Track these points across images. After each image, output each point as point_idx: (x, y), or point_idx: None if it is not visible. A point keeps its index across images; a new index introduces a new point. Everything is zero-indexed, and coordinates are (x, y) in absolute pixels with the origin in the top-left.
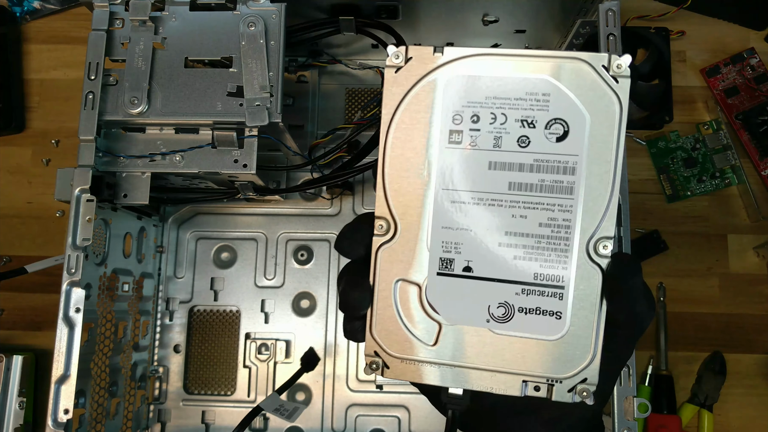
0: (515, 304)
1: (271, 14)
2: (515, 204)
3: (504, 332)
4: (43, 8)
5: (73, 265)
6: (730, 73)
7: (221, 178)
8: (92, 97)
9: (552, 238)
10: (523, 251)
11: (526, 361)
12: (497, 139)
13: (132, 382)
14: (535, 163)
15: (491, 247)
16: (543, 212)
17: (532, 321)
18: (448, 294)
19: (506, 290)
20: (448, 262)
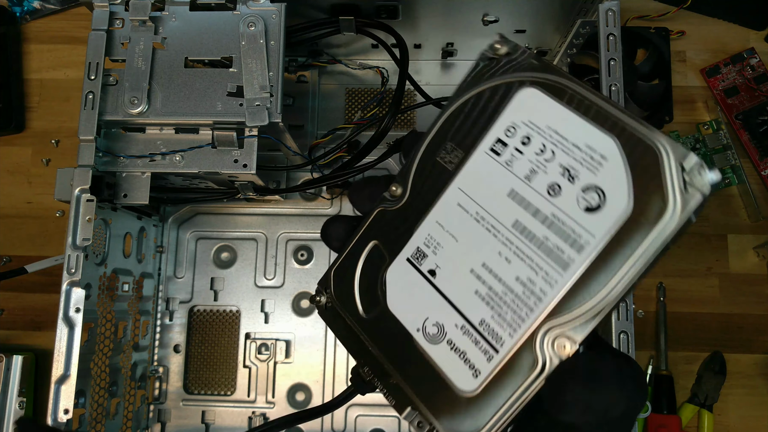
0: (448, 334)
1: (271, 14)
2: (508, 243)
3: (423, 349)
4: (43, 8)
5: (73, 265)
6: (730, 73)
7: (221, 178)
8: (92, 97)
9: (518, 299)
10: (486, 291)
11: (424, 388)
12: (532, 172)
13: (132, 382)
14: (551, 218)
15: (462, 268)
16: (527, 269)
17: (452, 359)
18: (403, 283)
19: (449, 315)
20: (420, 255)
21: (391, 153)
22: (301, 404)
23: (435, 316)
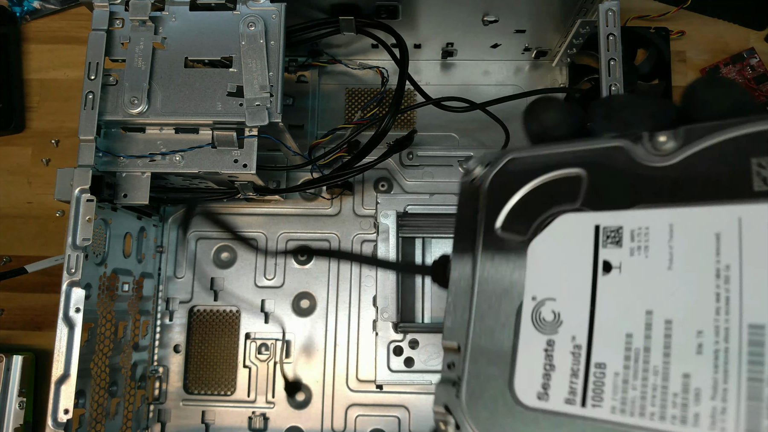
0: (558, 338)
1: (271, 14)
2: (720, 331)
3: (520, 323)
4: (43, 8)
5: (73, 265)
6: (730, 73)
7: (221, 178)
8: (92, 97)
9: (664, 391)
10: (637, 346)
11: (482, 358)
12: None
13: (132, 382)
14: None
15: (640, 301)
16: (709, 374)
17: (534, 358)
18: (565, 243)
19: (577, 323)
20: (615, 238)
21: (391, 153)
22: (302, 404)
23: (563, 305)
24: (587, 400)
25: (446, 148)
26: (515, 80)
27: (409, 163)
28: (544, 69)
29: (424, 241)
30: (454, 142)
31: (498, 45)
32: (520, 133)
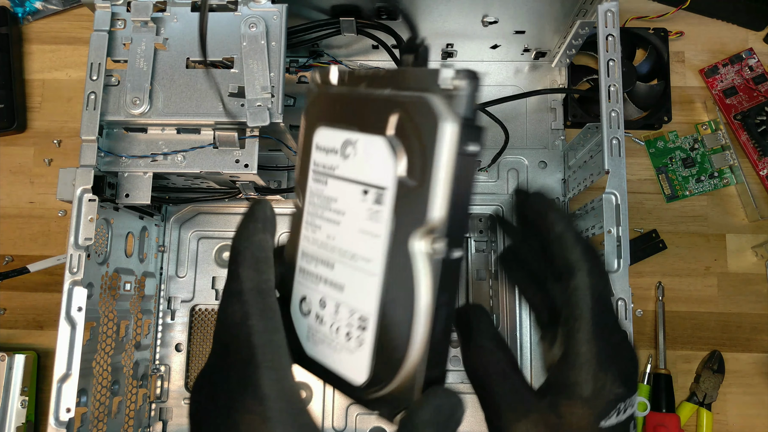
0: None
1: (272, 15)
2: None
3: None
4: (45, 9)
5: (75, 265)
6: (728, 73)
7: (223, 178)
8: (94, 97)
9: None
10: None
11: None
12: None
13: (134, 381)
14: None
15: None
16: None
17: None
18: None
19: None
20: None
21: None
22: None
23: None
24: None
25: None
26: (515, 81)
27: None
28: (544, 69)
29: None
30: None
31: (497, 46)
32: (519, 133)
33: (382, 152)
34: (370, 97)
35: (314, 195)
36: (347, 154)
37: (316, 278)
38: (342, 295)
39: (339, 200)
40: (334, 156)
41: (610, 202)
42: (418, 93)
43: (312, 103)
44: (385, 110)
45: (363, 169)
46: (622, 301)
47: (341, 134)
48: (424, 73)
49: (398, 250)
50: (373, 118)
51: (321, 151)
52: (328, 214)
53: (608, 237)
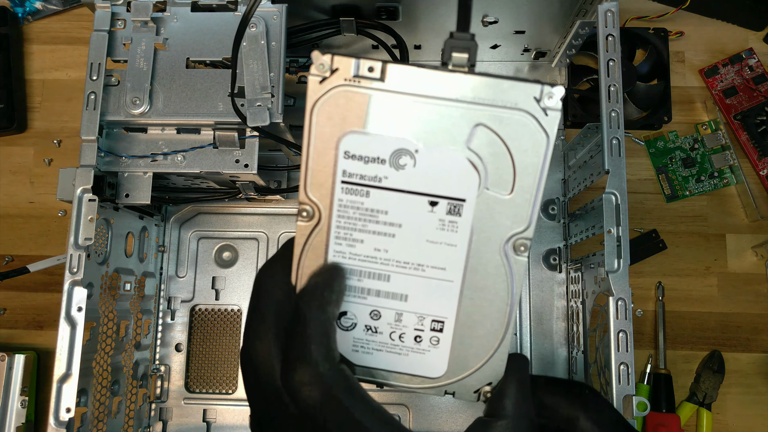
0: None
1: (273, 15)
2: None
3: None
4: (45, 9)
5: (75, 265)
6: (728, 73)
7: (223, 178)
8: (94, 97)
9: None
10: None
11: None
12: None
13: (134, 381)
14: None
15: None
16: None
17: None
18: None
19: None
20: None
21: None
22: None
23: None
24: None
25: None
26: None
27: None
28: (544, 70)
29: None
30: None
31: (497, 46)
32: None
33: (458, 164)
34: (432, 103)
35: (348, 207)
36: (402, 164)
37: (362, 291)
38: (405, 304)
39: (392, 212)
40: (381, 166)
41: (610, 202)
42: (517, 109)
43: (326, 101)
44: (461, 121)
45: (429, 180)
46: (622, 301)
47: (389, 142)
48: (521, 87)
49: (483, 257)
50: (440, 127)
51: (355, 160)
52: (375, 227)
53: (608, 237)
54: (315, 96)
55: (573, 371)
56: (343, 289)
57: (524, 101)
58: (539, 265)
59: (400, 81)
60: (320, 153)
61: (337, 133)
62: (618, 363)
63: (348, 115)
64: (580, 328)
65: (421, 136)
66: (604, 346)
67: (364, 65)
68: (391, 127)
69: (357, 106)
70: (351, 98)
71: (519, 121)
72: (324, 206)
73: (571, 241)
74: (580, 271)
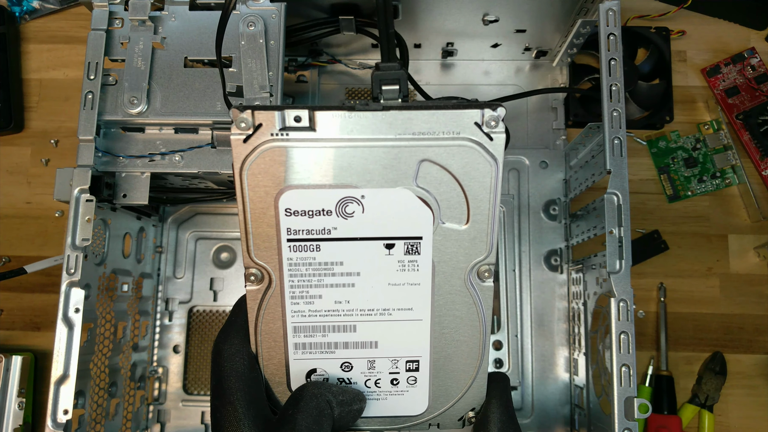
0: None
1: (271, 14)
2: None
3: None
4: (42, 8)
5: (72, 266)
6: (730, 72)
7: (221, 178)
8: (91, 96)
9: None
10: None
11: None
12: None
13: (131, 383)
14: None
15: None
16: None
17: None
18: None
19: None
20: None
21: None
22: None
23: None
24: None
25: None
26: (515, 80)
27: None
28: (545, 69)
29: None
30: None
31: (498, 45)
32: (520, 132)
33: (409, 203)
34: (370, 145)
35: (300, 265)
36: (350, 212)
37: (330, 346)
38: (376, 350)
39: (348, 262)
40: (327, 218)
41: (612, 203)
42: (460, 138)
43: (255, 160)
44: (404, 159)
45: (381, 224)
46: (624, 303)
47: (331, 193)
48: (460, 115)
49: (449, 290)
50: (383, 168)
51: (299, 216)
52: (333, 279)
53: (610, 237)
54: (241, 156)
55: (574, 373)
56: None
57: (465, 129)
58: (540, 266)
59: (331, 127)
60: (259, 215)
61: (273, 191)
62: (619, 364)
63: (281, 172)
64: (582, 329)
65: (364, 181)
66: (605, 348)
67: (290, 116)
68: (330, 177)
69: (289, 160)
70: (281, 153)
71: (463, 150)
72: (273, 268)
73: (572, 242)
74: (582, 272)
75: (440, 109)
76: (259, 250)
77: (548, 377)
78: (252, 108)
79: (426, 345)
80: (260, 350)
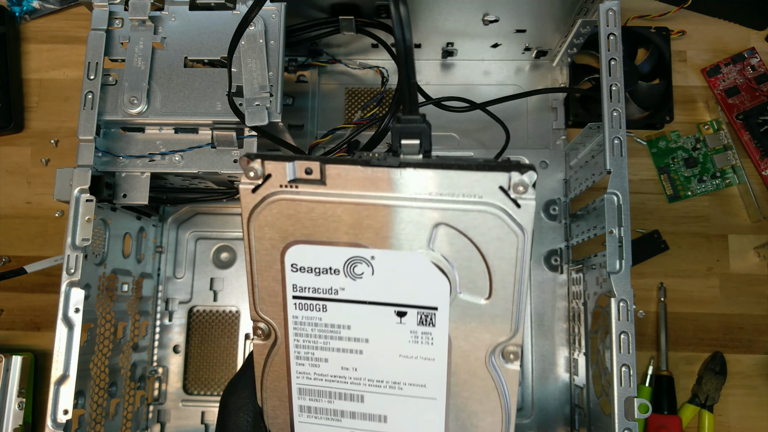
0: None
1: (271, 14)
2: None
3: None
4: (42, 8)
5: (72, 266)
6: (730, 72)
7: (221, 178)
8: (91, 96)
9: None
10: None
11: None
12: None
13: (131, 383)
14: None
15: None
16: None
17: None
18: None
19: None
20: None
21: None
22: None
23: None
24: None
25: (446, 148)
26: (516, 80)
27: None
28: (545, 69)
29: None
30: (454, 142)
31: (498, 45)
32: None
33: (423, 269)
34: (383, 203)
35: (305, 324)
36: (359, 273)
37: (335, 413)
38: (385, 425)
39: (355, 326)
40: (335, 277)
41: (612, 203)
42: (482, 203)
43: (262, 211)
44: (419, 221)
45: (392, 289)
46: (624, 303)
47: (340, 251)
48: (483, 178)
49: (467, 369)
50: (396, 229)
51: (305, 273)
52: (339, 344)
53: (610, 237)
54: (249, 206)
55: (574, 373)
56: None
57: (489, 193)
58: (540, 266)
59: (343, 182)
60: (265, 267)
61: (280, 245)
62: (619, 365)
63: (289, 225)
64: (582, 329)
65: (375, 241)
66: (605, 348)
67: (301, 168)
68: (339, 234)
69: (298, 214)
70: (289, 206)
71: (486, 217)
72: (278, 324)
73: (572, 242)
74: (582, 272)
75: (462, 170)
76: (265, 305)
77: (548, 377)
78: (262, 157)
79: (440, 427)
80: (266, 407)
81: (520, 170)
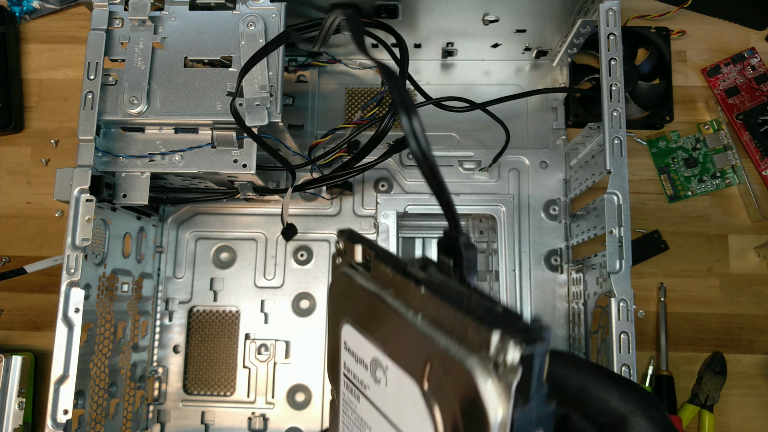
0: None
1: (271, 14)
2: None
3: None
4: (42, 8)
5: (72, 266)
6: (730, 72)
7: (221, 178)
8: (91, 96)
9: None
10: None
11: None
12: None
13: (131, 383)
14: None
15: None
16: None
17: None
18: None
19: None
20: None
21: (391, 153)
22: (301, 405)
23: None
24: None
25: (446, 148)
26: (516, 80)
27: (409, 163)
28: (545, 69)
29: (425, 241)
30: (454, 142)
31: (498, 45)
32: (520, 132)
33: (416, 402)
34: (401, 315)
35: (347, 404)
36: (378, 378)
37: None
38: None
39: (373, 430)
40: (364, 371)
41: (612, 203)
42: (459, 351)
43: (337, 280)
44: (418, 347)
45: (395, 407)
46: (624, 303)
47: (369, 347)
48: (468, 325)
49: None
50: (404, 347)
51: (350, 354)
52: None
53: (610, 237)
54: (333, 274)
55: None
56: None
57: (474, 344)
58: (540, 266)
59: (380, 276)
60: (332, 335)
61: (339, 319)
62: (620, 364)
63: (345, 302)
64: (582, 329)
65: (392, 351)
66: (605, 348)
67: (358, 251)
68: (370, 329)
69: (354, 296)
70: (350, 285)
71: (462, 371)
72: (336, 395)
73: (572, 242)
74: (582, 272)
75: (459, 311)
76: (331, 371)
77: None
78: (347, 235)
79: None
80: None
81: (515, 337)
